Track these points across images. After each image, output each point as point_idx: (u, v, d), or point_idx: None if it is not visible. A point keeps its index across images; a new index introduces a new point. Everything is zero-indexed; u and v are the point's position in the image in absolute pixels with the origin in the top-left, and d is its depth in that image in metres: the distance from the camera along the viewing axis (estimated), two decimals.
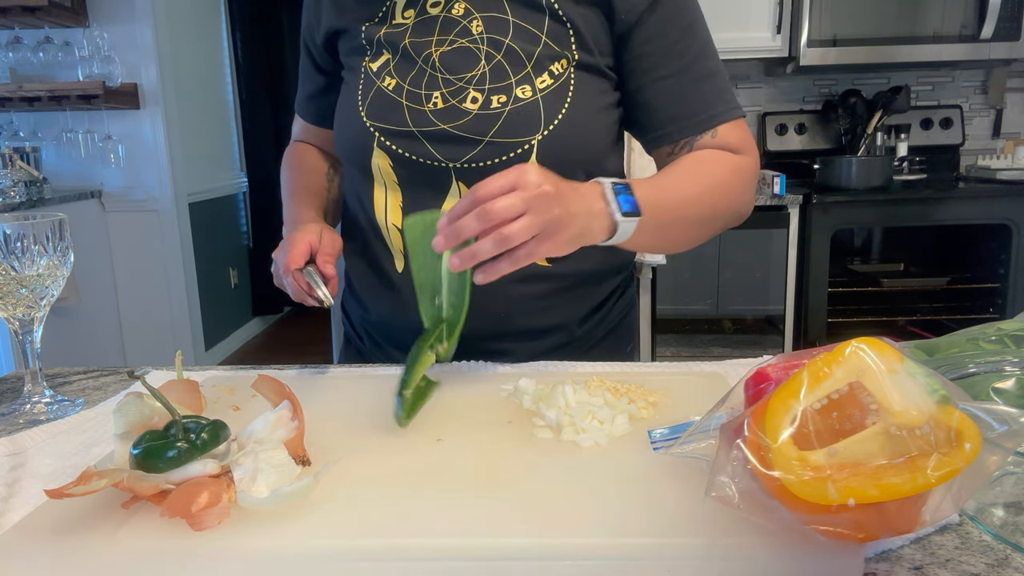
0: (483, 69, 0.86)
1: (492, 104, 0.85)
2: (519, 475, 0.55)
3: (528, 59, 0.86)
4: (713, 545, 0.46)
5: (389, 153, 0.90)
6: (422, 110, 0.87)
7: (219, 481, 0.50)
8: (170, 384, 0.64)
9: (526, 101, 0.85)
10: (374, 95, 0.90)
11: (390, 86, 0.89)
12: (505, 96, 0.85)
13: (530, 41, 0.86)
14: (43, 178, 3.11)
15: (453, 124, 0.86)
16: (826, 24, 2.83)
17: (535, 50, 0.86)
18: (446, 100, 0.87)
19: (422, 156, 0.88)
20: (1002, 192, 2.75)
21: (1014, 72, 3.20)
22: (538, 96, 0.85)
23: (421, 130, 0.87)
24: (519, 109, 0.85)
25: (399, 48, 0.89)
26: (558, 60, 0.86)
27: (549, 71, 0.86)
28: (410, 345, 0.83)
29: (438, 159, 0.87)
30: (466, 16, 0.88)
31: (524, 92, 0.85)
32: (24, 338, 0.77)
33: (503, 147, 0.85)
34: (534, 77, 0.86)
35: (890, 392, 0.43)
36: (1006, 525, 0.50)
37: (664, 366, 0.85)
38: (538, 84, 0.86)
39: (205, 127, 4.14)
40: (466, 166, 0.87)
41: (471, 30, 0.87)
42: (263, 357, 4.27)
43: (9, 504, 0.57)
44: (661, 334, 2.92)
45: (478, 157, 0.86)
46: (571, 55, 0.87)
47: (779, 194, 2.77)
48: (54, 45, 3.19)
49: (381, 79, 0.90)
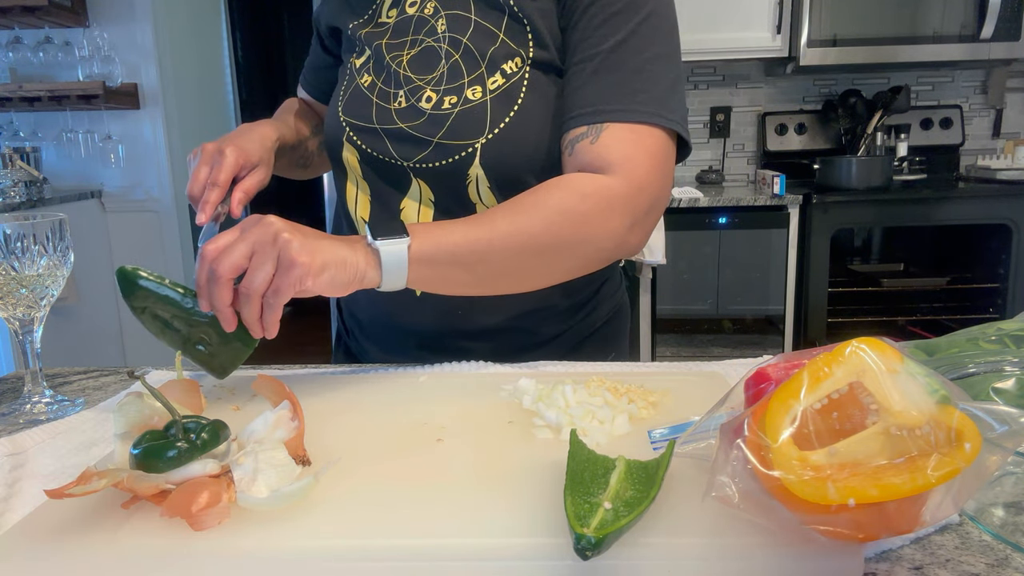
0: (442, 69, 0.86)
1: (443, 105, 0.85)
2: (519, 475, 0.55)
3: (483, 58, 0.85)
4: (713, 545, 0.46)
5: (356, 148, 0.91)
6: (388, 108, 0.88)
7: (219, 481, 0.50)
8: (170, 384, 0.64)
9: (475, 103, 0.84)
10: (352, 91, 0.92)
11: (366, 83, 0.91)
12: (456, 97, 0.85)
13: (488, 39, 0.85)
14: (43, 178, 3.11)
15: (409, 124, 0.86)
16: (826, 24, 2.83)
17: (490, 48, 0.85)
18: (407, 99, 0.87)
19: (382, 153, 0.89)
20: (1002, 192, 2.75)
21: (1014, 72, 3.20)
22: (487, 98, 0.84)
23: (383, 127, 0.88)
24: (466, 111, 0.84)
25: (375, 47, 0.91)
26: (512, 59, 0.84)
27: (501, 70, 0.84)
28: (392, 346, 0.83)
29: (395, 157, 0.88)
30: (434, 15, 0.88)
31: (474, 93, 0.84)
32: (24, 338, 0.77)
33: (449, 149, 0.85)
34: (486, 77, 0.85)
35: (890, 392, 0.43)
36: (1006, 525, 0.50)
37: (664, 366, 0.85)
38: (489, 85, 0.84)
39: (205, 127, 4.14)
40: (419, 166, 0.87)
41: (436, 29, 0.87)
42: (263, 357, 4.26)
43: (9, 504, 0.57)
44: (661, 334, 2.92)
45: (428, 158, 0.86)
46: (526, 53, 0.85)
47: (779, 194, 2.77)
48: (54, 45, 3.19)
49: (360, 76, 0.92)
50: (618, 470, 0.51)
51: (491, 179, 0.86)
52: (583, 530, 0.43)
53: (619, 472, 0.51)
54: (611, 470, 0.52)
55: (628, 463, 0.53)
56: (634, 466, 0.52)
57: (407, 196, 0.90)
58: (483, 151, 0.84)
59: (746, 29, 2.91)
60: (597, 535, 0.43)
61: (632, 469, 0.52)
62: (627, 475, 0.51)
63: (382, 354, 1.00)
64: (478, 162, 0.84)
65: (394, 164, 0.88)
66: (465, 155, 0.84)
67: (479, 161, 0.84)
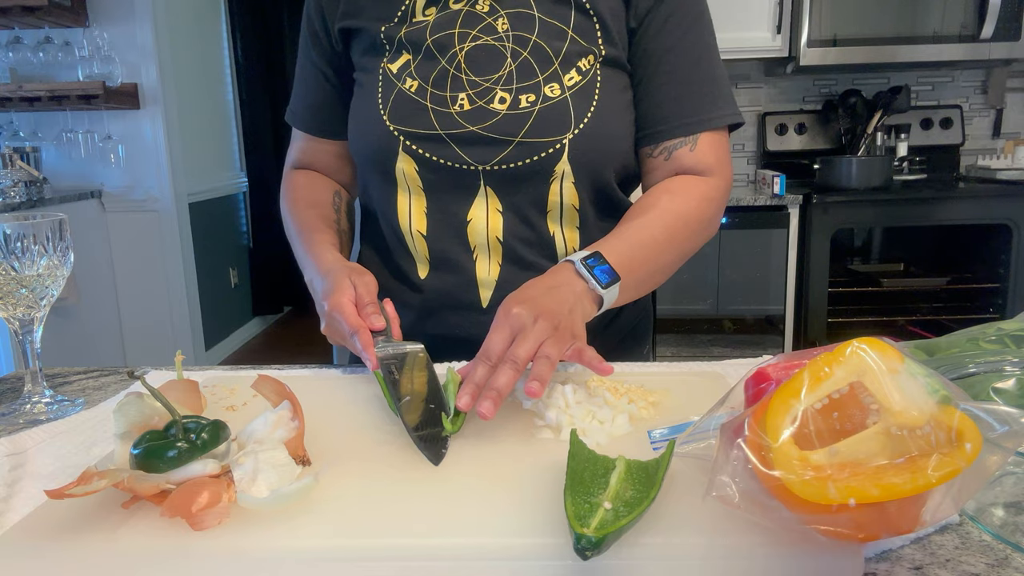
0: (510, 68, 0.85)
1: (521, 104, 0.84)
2: (519, 475, 0.55)
3: (556, 56, 0.85)
4: (713, 545, 0.46)
5: (415, 157, 0.87)
6: (448, 112, 0.86)
7: (219, 481, 0.50)
8: (170, 384, 0.64)
9: (555, 100, 0.84)
10: (396, 98, 0.87)
11: (412, 88, 0.87)
12: (534, 95, 0.85)
13: (557, 37, 0.85)
14: (43, 178, 3.11)
15: (481, 126, 0.85)
16: (826, 24, 2.83)
17: (562, 46, 0.85)
18: (472, 101, 0.85)
19: (450, 159, 0.86)
20: (1002, 192, 2.75)
21: (1014, 72, 3.20)
22: (567, 94, 0.85)
23: (448, 133, 0.85)
24: (549, 108, 0.84)
25: (422, 47, 0.87)
26: (585, 56, 0.85)
27: (577, 67, 0.85)
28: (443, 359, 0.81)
29: (467, 162, 0.86)
30: (491, 13, 0.86)
31: (553, 90, 0.85)
32: (24, 338, 0.77)
33: (533, 147, 0.85)
34: (562, 74, 0.85)
35: (891, 392, 0.43)
36: (1006, 525, 0.50)
37: (664, 366, 0.85)
38: (566, 82, 0.85)
39: (205, 127, 4.14)
40: (495, 168, 0.86)
41: (496, 28, 0.86)
42: (263, 357, 4.27)
43: (9, 504, 0.57)
44: (661, 334, 2.92)
45: (508, 158, 0.85)
46: (598, 50, 0.86)
47: (779, 194, 2.77)
48: (54, 45, 3.19)
49: (402, 81, 0.87)
50: (618, 470, 0.51)
51: (576, 174, 0.86)
52: (583, 530, 0.43)
53: (619, 472, 0.51)
54: (611, 470, 0.52)
55: (628, 463, 0.53)
56: (634, 466, 0.52)
57: (474, 204, 0.88)
58: (571, 146, 0.85)
59: (746, 29, 2.91)
60: (597, 535, 0.43)
61: (632, 469, 0.52)
62: (627, 475, 0.51)
63: None
64: (566, 158, 0.85)
65: (462, 169, 0.86)
66: (553, 152, 0.85)
67: (567, 157, 0.85)
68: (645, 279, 0.85)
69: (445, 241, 0.90)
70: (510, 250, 0.90)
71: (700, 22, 0.89)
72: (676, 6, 0.87)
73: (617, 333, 1.00)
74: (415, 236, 0.91)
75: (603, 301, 0.77)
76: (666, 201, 0.88)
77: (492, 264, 0.90)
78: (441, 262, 0.91)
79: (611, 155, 0.89)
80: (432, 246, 0.91)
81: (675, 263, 0.89)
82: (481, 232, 0.89)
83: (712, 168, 0.90)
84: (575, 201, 0.89)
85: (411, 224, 0.91)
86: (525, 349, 0.66)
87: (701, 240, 0.91)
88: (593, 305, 0.77)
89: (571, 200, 0.88)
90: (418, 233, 0.91)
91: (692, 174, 0.90)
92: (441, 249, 0.91)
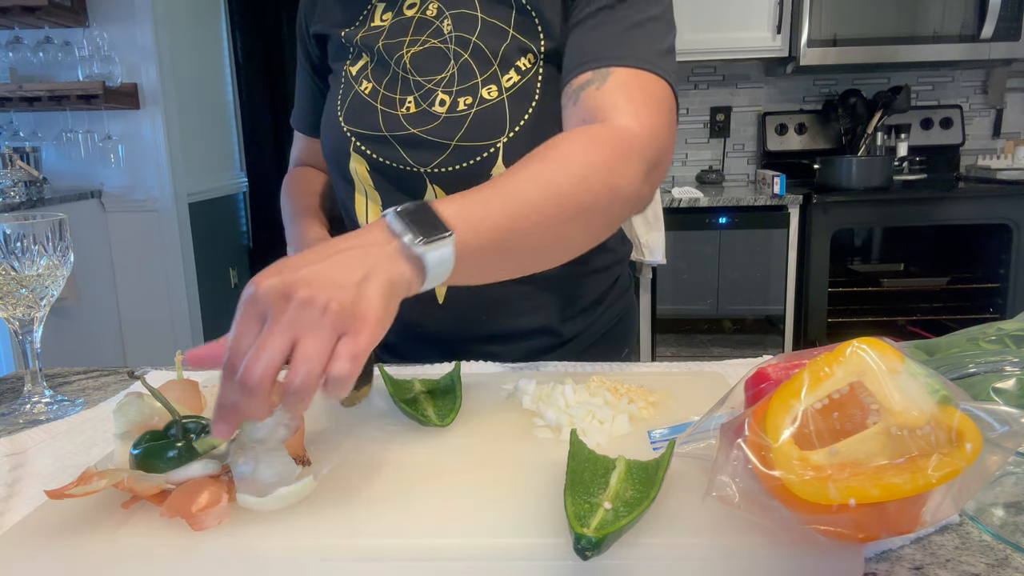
0: (452, 70, 0.85)
1: (459, 106, 0.84)
2: (519, 475, 0.55)
3: (495, 56, 0.84)
4: (713, 545, 0.46)
5: (365, 158, 0.88)
6: (395, 114, 0.86)
7: (219, 481, 0.50)
8: (170, 384, 0.64)
9: (492, 102, 0.83)
10: (352, 99, 0.89)
11: (367, 90, 0.88)
12: (471, 97, 0.84)
13: (497, 36, 0.84)
14: (43, 178, 3.11)
15: (422, 128, 0.85)
16: (826, 24, 2.83)
17: (502, 45, 0.84)
18: (418, 104, 0.85)
19: (395, 161, 0.87)
20: (1002, 192, 2.75)
21: (1014, 72, 3.20)
22: (504, 96, 0.84)
23: (393, 134, 0.86)
24: (484, 111, 0.83)
25: (374, 51, 0.89)
26: (525, 54, 0.84)
27: (516, 67, 0.84)
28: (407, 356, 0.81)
29: (410, 164, 0.86)
30: (438, 16, 0.87)
31: (490, 92, 0.84)
32: (24, 338, 0.77)
33: (469, 151, 0.84)
34: (500, 75, 0.84)
35: (891, 392, 0.43)
36: (1006, 525, 0.50)
37: (664, 366, 0.85)
38: (504, 83, 0.84)
39: (205, 127, 4.14)
40: (437, 171, 0.86)
41: (442, 30, 0.86)
42: None
43: (9, 504, 0.57)
44: (661, 334, 2.92)
45: (447, 162, 0.85)
46: (538, 47, 0.84)
47: (779, 194, 2.77)
48: (54, 45, 3.19)
49: (359, 83, 0.89)
50: (618, 470, 0.51)
51: None
52: (583, 530, 0.43)
53: (619, 472, 0.51)
54: (611, 470, 0.52)
55: (628, 463, 0.53)
56: (634, 466, 0.52)
57: None
58: (506, 150, 0.83)
59: (746, 29, 2.91)
60: (597, 535, 0.43)
61: (632, 469, 0.52)
62: (627, 475, 0.51)
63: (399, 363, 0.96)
64: (501, 162, 0.84)
65: (409, 171, 0.87)
66: (487, 156, 0.84)
67: (502, 161, 0.84)
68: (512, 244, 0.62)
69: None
70: None
71: None
72: None
73: (593, 334, 0.99)
74: None
75: (426, 268, 0.54)
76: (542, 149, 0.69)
77: None
78: None
79: None
80: None
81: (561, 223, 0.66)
82: None
83: (621, 109, 0.73)
84: None
85: (368, 221, 0.93)
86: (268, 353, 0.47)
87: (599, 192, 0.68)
88: (411, 272, 0.53)
89: None
90: None
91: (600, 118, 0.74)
92: None
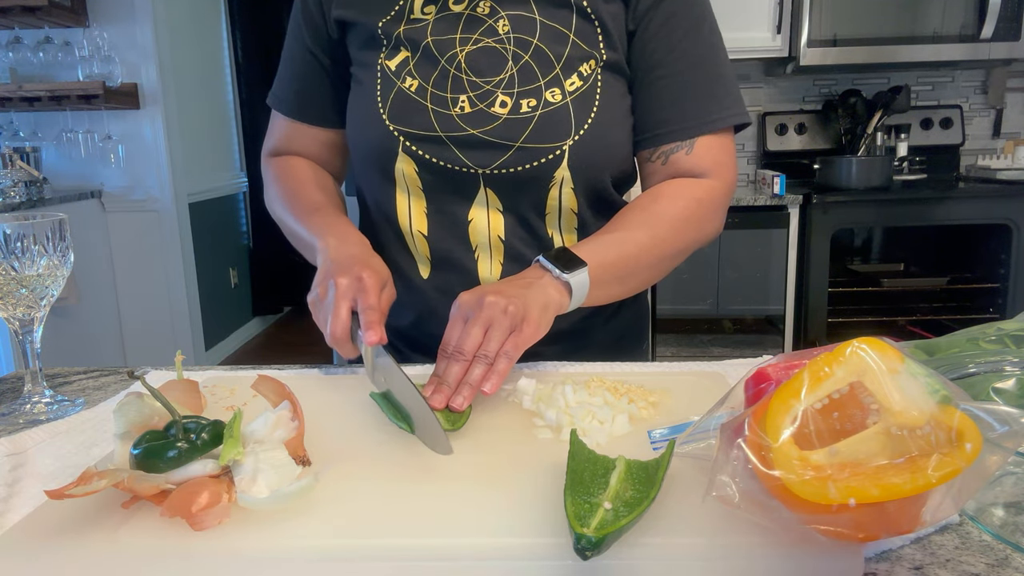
0: (511, 71, 0.84)
1: (522, 108, 0.84)
2: (519, 475, 0.55)
3: (557, 60, 0.84)
4: (713, 545, 0.46)
5: (415, 158, 0.86)
6: (448, 114, 0.85)
7: (219, 481, 0.50)
8: (170, 384, 0.64)
9: (556, 105, 0.84)
10: (395, 96, 0.86)
11: (412, 87, 0.86)
12: (535, 100, 0.84)
13: (558, 41, 0.85)
14: (43, 178, 3.11)
15: (482, 129, 0.84)
16: (826, 24, 2.83)
17: (564, 50, 0.85)
18: (473, 104, 0.84)
19: (450, 162, 0.85)
20: (1002, 192, 2.75)
21: (1014, 72, 3.20)
22: (568, 100, 0.84)
23: (449, 135, 0.84)
24: (549, 113, 0.83)
25: (420, 46, 0.86)
26: (587, 61, 0.85)
27: (578, 72, 0.85)
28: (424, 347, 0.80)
29: (467, 165, 0.85)
30: (492, 15, 0.85)
31: (554, 95, 0.84)
32: (24, 338, 0.77)
33: (534, 152, 0.84)
34: (563, 79, 0.84)
35: (891, 392, 0.43)
36: (1006, 525, 0.50)
37: (664, 366, 0.85)
38: (567, 87, 0.84)
39: (205, 127, 4.14)
40: (495, 172, 0.85)
41: (497, 30, 0.85)
42: (263, 357, 4.27)
43: (9, 504, 0.57)
44: (661, 334, 2.92)
45: (508, 163, 0.84)
46: (599, 55, 0.85)
47: (779, 194, 2.77)
48: (54, 45, 3.19)
49: (401, 79, 0.86)
50: (618, 470, 0.51)
51: (576, 180, 0.86)
52: (583, 530, 0.43)
53: (619, 472, 0.51)
54: (611, 470, 0.52)
55: (628, 463, 0.53)
56: (634, 466, 0.52)
57: (474, 204, 0.88)
58: (571, 152, 0.84)
59: (746, 29, 2.90)
60: (597, 535, 0.43)
61: (632, 469, 0.52)
62: (627, 475, 0.51)
63: (424, 359, 0.96)
64: (566, 164, 0.84)
65: (462, 172, 0.86)
66: (553, 158, 0.84)
67: (567, 163, 0.84)
68: (625, 275, 0.84)
69: (447, 241, 0.90)
70: (512, 249, 0.90)
71: (702, 23, 0.88)
72: (676, 7, 0.86)
73: (614, 332, 1.00)
74: (416, 236, 0.91)
75: (572, 289, 0.76)
76: (647, 201, 0.88)
77: (494, 263, 0.90)
78: (443, 262, 0.91)
79: (610, 161, 0.88)
80: (434, 246, 0.91)
81: (661, 261, 0.87)
82: (483, 232, 0.89)
83: (709, 171, 0.89)
84: (574, 205, 0.89)
85: (411, 224, 0.91)
86: (471, 340, 0.68)
87: (692, 238, 0.89)
88: (561, 293, 0.75)
89: (570, 204, 0.88)
90: (419, 233, 0.91)
91: (688, 177, 0.89)
92: (443, 249, 0.91)
